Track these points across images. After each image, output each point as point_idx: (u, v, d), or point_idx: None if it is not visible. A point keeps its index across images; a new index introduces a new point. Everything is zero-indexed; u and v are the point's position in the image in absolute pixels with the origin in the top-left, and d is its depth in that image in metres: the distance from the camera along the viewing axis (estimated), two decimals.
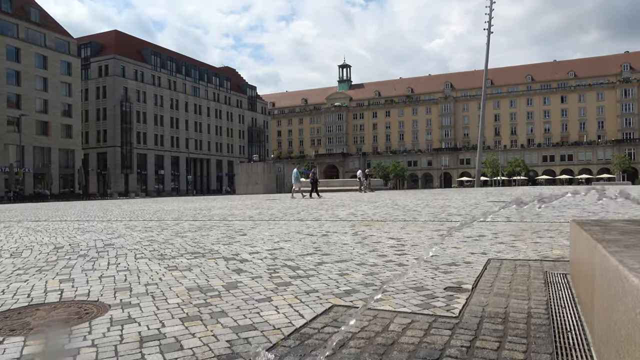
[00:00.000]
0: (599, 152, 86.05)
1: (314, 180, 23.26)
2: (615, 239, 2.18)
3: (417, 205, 13.11)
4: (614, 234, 2.42)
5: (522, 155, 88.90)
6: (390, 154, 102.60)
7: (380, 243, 5.34)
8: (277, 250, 4.95)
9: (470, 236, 5.85)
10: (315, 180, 23.36)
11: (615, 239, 2.17)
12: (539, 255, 4.38)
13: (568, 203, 12.63)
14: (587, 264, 2.35)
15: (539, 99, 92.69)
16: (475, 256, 4.34)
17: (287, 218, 9.66)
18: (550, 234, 5.92)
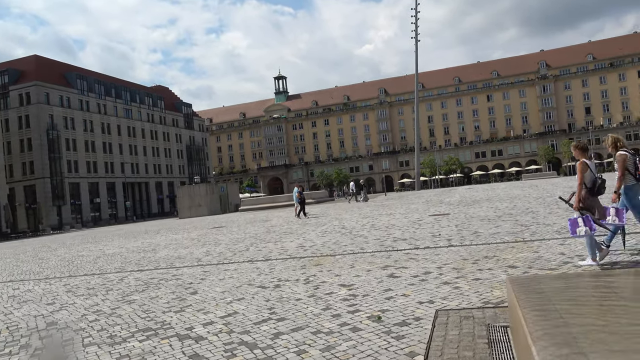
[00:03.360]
0: (525, 145, 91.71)
1: (301, 199, 22.18)
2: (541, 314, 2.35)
3: (364, 227, 13.40)
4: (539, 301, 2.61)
5: (457, 154, 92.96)
6: (332, 161, 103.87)
7: (332, 295, 5.45)
8: (232, 317, 4.93)
9: (416, 275, 6.10)
10: (302, 199, 22.21)
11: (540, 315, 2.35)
12: (481, 299, 4.67)
13: (502, 213, 13.42)
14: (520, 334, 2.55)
15: (468, 99, 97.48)
16: (424, 307, 4.55)
17: (236, 259, 9.58)
18: (489, 264, 6.30)
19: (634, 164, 6.00)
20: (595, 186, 5.66)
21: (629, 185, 6.02)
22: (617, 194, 6.06)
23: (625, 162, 6.00)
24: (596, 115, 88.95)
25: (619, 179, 6.01)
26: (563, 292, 3.32)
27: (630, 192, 6.03)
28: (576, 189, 5.78)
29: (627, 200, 6.06)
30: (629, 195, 6.04)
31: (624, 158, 6.00)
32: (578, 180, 5.74)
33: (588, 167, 5.71)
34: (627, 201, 6.06)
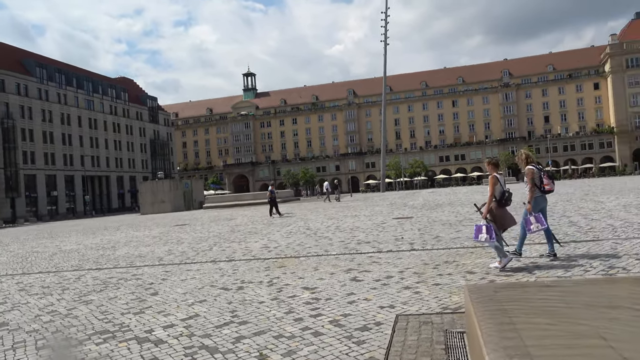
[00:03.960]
0: (487, 150, 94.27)
1: (271, 198, 21.87)
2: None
3: (328, 229, 13.48)
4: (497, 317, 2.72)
5: (422, 157, 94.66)
6: (299, 160, 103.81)
7: (295, 298, 5.47)
8: (193, 320, 4.88)
9: (379, 279, 6.20)
10: (272, 198, 21.85)
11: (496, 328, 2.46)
12: (440, 304, 4.80)
13: (463, 218, 13.79)
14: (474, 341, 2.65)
15: (434, 104, 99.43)
16: (385, 312, 4.64)
17: (199, 259, 9.46)
18: (449, 270, 6.47)
19: (539, 177, 6.75)
20: (503, 198, 6.30)
21: (536, 197, 6.75)
22: (530, 204, 6.68)
23: (533, 175, 6.74)
24: (554, 124, 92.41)
25: (531, 191, 6.72)
26: (517, 301, 3.46)
27: (534, 202, 6.74)
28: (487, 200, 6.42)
29: (534, 209, 6.71)
30: (534, 205, 6.73)
31: (532, 172, 6.75)
32: (489, 192, 6.41)
33: (498, 181, 6.36)
34: (533, 209, 6.70)
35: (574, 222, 10.70)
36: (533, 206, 6.70)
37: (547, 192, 6.81)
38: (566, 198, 19.93)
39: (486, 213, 6.35)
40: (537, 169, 6.80)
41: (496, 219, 6.31)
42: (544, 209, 6.91)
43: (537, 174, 6.77)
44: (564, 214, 12.76)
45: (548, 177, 6.81)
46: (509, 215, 6.45)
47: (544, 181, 6.75)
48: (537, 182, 6.75)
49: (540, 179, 6.75)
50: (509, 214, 6.48)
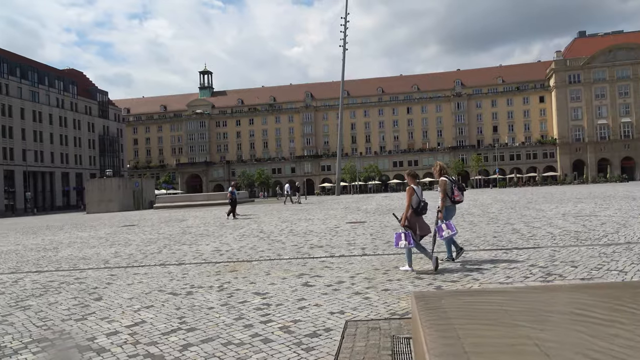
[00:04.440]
0: (439, 157, 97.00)
1: (232, 199, 21.24)
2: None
3: (282, 232, 13.46)
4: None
5: (376, 162, 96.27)
6: (255, 162, 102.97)
7: (246, 304, 5.43)
8: (139, 327, 4.74)
9: (330, 284, 6.25)
10: (233, 199, 21.22)
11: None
12: (388, 310, 4.90)
13: None
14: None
15: (389, 110, 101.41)
16: (335, 318, 4.69)
17: (147, 261, 9.20)
18: (398, 275, 6.62)
19: (451, 189, 7.29)
20: (419, 207, 6.82)
21: (447, 206, 7.33)
22: (441, 212, 7.27)
23: (445, 186, 7.29)
24: (502, 134, 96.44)
25: (442, 200, 7.28)
26: (461, 307, 3.60)
27: (446, 211, 7.32)
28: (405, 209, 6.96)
29: (446, 217, 7.31)
30: (446, 213, 7.33)
31: (445, 183, 7.30)
32: (406, 202, 6.89)
33: (415, 192, 6.90)
34: (445, 218, 7.30)
35: (516, 230, 11.21)
36: (446, 215, 7.24)
37: (456, 202, 7.38)
38: (510, 206, 20.84)
39: (404, 221, 6.85)
40: (449, 181, 7.35)
41: (412, 227, 6.80)
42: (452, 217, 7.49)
43: (449, 185, 7.32)
44: (507, 222, 13.34)
45: (458, 188, 7.36)
46: (424, 224, 6.93)
47: (454, 192, 7.28)
48: (449, 192, 7.28)
49: (451, 190, 7.29)
50: (424, 222, 6.97)
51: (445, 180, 7.34)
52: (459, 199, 7.35)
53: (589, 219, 12.82)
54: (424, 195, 7.17)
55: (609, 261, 6.80)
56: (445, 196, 7.30)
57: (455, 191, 7.30)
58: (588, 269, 6.33)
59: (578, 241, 8.89)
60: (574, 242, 8.77)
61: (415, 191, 6.91)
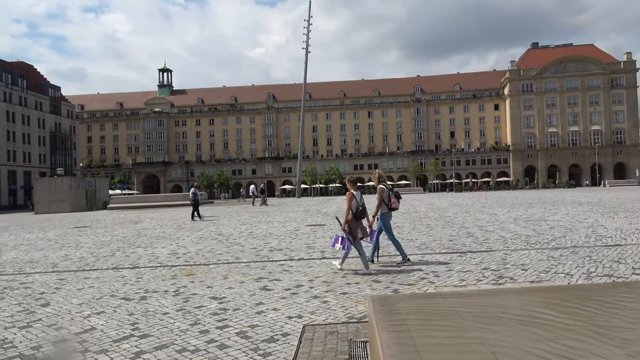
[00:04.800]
0: (398, 161, 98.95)
1: (194, 201, 20.75)
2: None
3: (241, 235, 13.31)
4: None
5: (337, 164, 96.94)
6: (215, 162, 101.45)
7: (202, 309, 5.33)
8: (88, 334, 4.56)
9: (288, 288, 6.23)
10: (195, 201, 20.76)
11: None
12: (346, 314, 4.93)
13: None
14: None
15: (351, 113, 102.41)
16: (292, 322, 4.67)
17: (99, 265, 8.87)
18: (356, 278, 6.68)
19: (388, 196, 7.63)
20: (358, 212, 7.16)
21: (384, 213, 7.69)
22: (374, 218, 7.66)
23: (383, 194, 7.62)
24: (459, 140, 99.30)
25: (377, 207, 7.67)
26: (416, 311, 3.66)
27: (383, 217, 7.71)
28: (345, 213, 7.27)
29: (382, 224, 7.73)
30: (382, 220, 7.71)
31: (383, 190, 7.63)
32: (346, 207, 7.20)
33: (354, 197, 7.20)
34: (382, 225, 7.73)
35: (471, 233, 11.55)
36: (384, 221, 7.67)
37: (393, 209, 7.76)
38: (466, 210, 21.46)
39: (344, 225, 7.15)
40: (387, 189, 7.69)
41: (352, 231, 7.12)
42: (388, 225, 7.84)
43: (387, 193, 7.66)
44: (463, 225, 13.72)
45: (395, 196, 7.72)
46: (363, 227, 7.22)
47: (391, 199, 7.64)
48: (386, 199, 7.63)
49: (388, 197, 7.64)
50: (363, 226, 7.26)
51: (383, 188, 7.67)
52: (395, 206, 7.73)
53: (539, 223, 13.37)
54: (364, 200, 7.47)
55: (557, 264, 7.11)
56: (382, 203, 7.65)
57: (392, 198, 7.67)
58: (537, 272, 6.60)
59: (528, 245, 9.26)
60: (524, 246, 9.12)
61: (355, 196, 7.22)
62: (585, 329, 2.70)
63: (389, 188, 7.77)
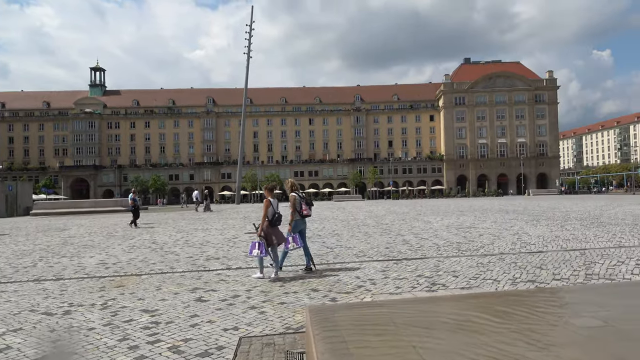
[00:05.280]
0: (338, 169, 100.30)
1: (134, 207, 19.74)
2: None
3: (176, 243, 12.87)
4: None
5: (278, 171, 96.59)
6: (150, 167, 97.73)
7: (132, 323, 5.07)
8: (2, 354, 4.19)
9: (225, 298, 6.08)
10: (135, 207, 19.82)
11: None
12: (283, 324, 4.88)
13: (312, 234, 14.36)
14: None
15: (292, 120, 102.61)
16: (228, 335, 4.56)
17: (18, 277, 8.22)
18: (294, 287, 6.65)
19: (300, 204, 7.93)
20: (274, 219, 7.45)
21: (296, 220, 7.93)
22: (290, 226, 7.85)
23: (295, 202, 7.89)
24: (396, 149, 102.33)
25: (291, 215, 7.90)
26: (352, 320, 3.70)
27: (295, 224, 7.92)
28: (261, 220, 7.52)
29: (293, 230, 7.89)
30: (294, 227, 7.90)
31: (294, 198, 7.90)
32: (263, 213, 7.46)
33: (271, 204, 7.48)
34: (293, 231, 7.89)
35: (407, 241, 11.89)
36: (293, 228, 7.83)
37: (305, 217, 8.03)
38: (402, 217, 22.09)
39: (261, 231, 7.41)
40: (299, 197, 7.97)
41: (268, 237, 7.38)
42: (303, 230, 8.12)
43: (299, 201, 7.94)
44: (399, 233, 14.10)
45: (306, 204, 8.02)
46: (279, 234, 7.54)
47: (303, 207, 7.94)
48: (298, 207, 7.90)
49: (300, 205, 7.93)
50: (279, 232, 7.57)
51: (295, 196, 7.92)
52: (307, 214, 8.01)
53: (469, 231, 14.01)
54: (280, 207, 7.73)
55: (485, 271, 7.47)
56: (294, 211, 7.88)
57: (303, 206, 7.95)
58: (467, 279, 6.89)
59: (459, 252, 9.66)
60: (456, 253, 9.51)
61: (271, 204, 7.48)
62: (512, 332, 2.84)
63: (301, 196, 8.04)
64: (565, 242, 10.81)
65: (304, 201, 8.01)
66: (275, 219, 7.45)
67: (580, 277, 6.83)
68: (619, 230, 12.99)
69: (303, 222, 8.11)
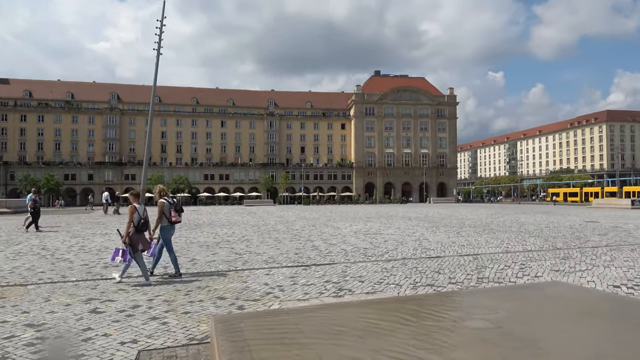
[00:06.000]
0: (250, 173, 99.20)
1: (34, 208, 17.57)
2: None
3: (70, 249, 11.86)
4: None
5: (187, 173, 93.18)
6: (43, 165, 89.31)
7: (13, 339, 4.55)
8: None
9: (123, 309, 5.71)
10: (36, 209, 17.72)
11: None
12: (187, 335, 4.69)
13: (221, 240, 14.03)
14: None
15: (203, 121, 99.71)
16: (125, 349, 4.27)
17: None
18: (200, 296, 6.42)
19: (169, 210, 7.89)
20: (139, 225, 7.40)
21: (164, 226, 7.89)
22: (154, 231, 7.82)
23: (163, 208, 7.85)
24: (308, 155, 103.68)
25: (157, 220, 7.84)
26: (259, 329, 3.64)
27: (164, 231, 7.89)
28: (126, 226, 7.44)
29: (162, 237, 7.89)
30: (162, 233, 7.88)
31: (163, 205, 7.86)
32: (128, 220, 7.42)
33: (136, 210, 7.43)
34: (162, 238, 7.89)
35: (316, 247, 12.05)
36: (164, 234, 7.83)
37: (174, 223, 7.98)
38: (312, 223, 22.38)
39: (125, 237, 7.30)
40: (168, 203, 7.96)
41: (133, 243, 7.31)
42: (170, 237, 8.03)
43: (167, 207, 7.89)
44: (309, 239, 14.25)
45: (175, 210, 7.98)
46: (144, 239, 7.50)
47: (172, 213, 7.89)
48: (167, 214, 7.87)
49: (169, 211, 7.88)
50: (144, 238, 7.53)
51: (164, 202, 7.86)
52: (176, 220, 7.96)
53: (375, 237, 14.56)
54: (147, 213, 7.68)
55: (389, 275, 7.79)
56: (162, 217, 7.82)
57: (172, 212, 7.90)
58: (372, 283, 7.14)
59: (366, 257, 9.99)
60: (362, 258, 9.82)
61: (137, 209, 7.42)
62: (412, 336, 2.98)
63: (170, 202, 7.97)
64: (460, 247, 11.63)
65: (172, 207, 7.93)
66: (141, 224, 7.38)
67: (473, 280, 7.38)
68: (507, 237, 14.28)
69: (172, 228, 8.04)
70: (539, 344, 2.73)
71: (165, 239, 7.90)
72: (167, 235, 7.92)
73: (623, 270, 8.23)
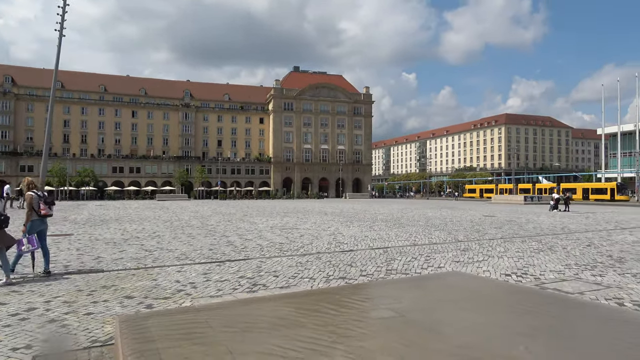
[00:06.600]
0: (163, 166, 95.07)
1: None
2: None
3: None
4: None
5: (92, 165, 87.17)
6: None
7: None
8: None
9: (16, 312, 5.26)
10: None
11: None
12: (89, 337, 4.43)
13: (130, 236, 13.37)
14: None
15: (112, 110, 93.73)
16: (18, 355, 3.95)
17: None
18: (105, 295, 6.09)
19: (37, 203, 7.67)
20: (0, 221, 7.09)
21: (33, 220, 7.67)
22: (25, 226, 7.57)
23: (32, 201, 7.63)
24: (225, 149, 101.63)
25: (27, 215, 7.59)
26: (167, 327, 3.54)
27: (32, 224, 7.65)
28: None
29: (30, 231, 7.61)
30: (31, 228, 7.63)
31: (31, 197, 7.64)
32: None
33: None
34: (29, 232, 7.61)
35: (231, 242, 11.90)
36: (30, 228, 7.58)
37: (44, 217, 7.75)
38: (228, 218, 22.04)
39: None
40: (36, 195, 7.72)
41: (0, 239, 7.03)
42: (43, 231, 7.84)
43: (36, 200, 7.66)
44: (224, 234, 14.03)
45: (45, 203, 7.75)
46: (7, 236, 7.18)
47: (41, 206, 7.66)
48: (35, 207, 7.62)
49: (38, 204, 7.66)
50: (7, 235, 7.20)
51: (32, 195, 7.60)
52: (46, 213, 7.71)
53: (291, 232, 14.69)
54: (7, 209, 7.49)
55: (303, 270, 7.92)
56: (31, 211, 7.56)
57: (42, 205, 7.65)
58: (286, 278, 7.22)
59: (281, 252, 10.06)
60: (277, 253, 9.87)
61: None
62: (322, 328, 3.08)
63: (40, 195, 7.71)
64: (372, 241, 12.12)
65: (42, 200, 7.66)
66: (2, 220, 7.04)
67: (382, 272, 7.74)
68: (414, 231, 15.11)
69: (42, 222, 7.77)
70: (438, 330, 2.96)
71: (32, 232, 7.53)
72: (35, 230, 7.59)
73: (514, 260, 9.08)
